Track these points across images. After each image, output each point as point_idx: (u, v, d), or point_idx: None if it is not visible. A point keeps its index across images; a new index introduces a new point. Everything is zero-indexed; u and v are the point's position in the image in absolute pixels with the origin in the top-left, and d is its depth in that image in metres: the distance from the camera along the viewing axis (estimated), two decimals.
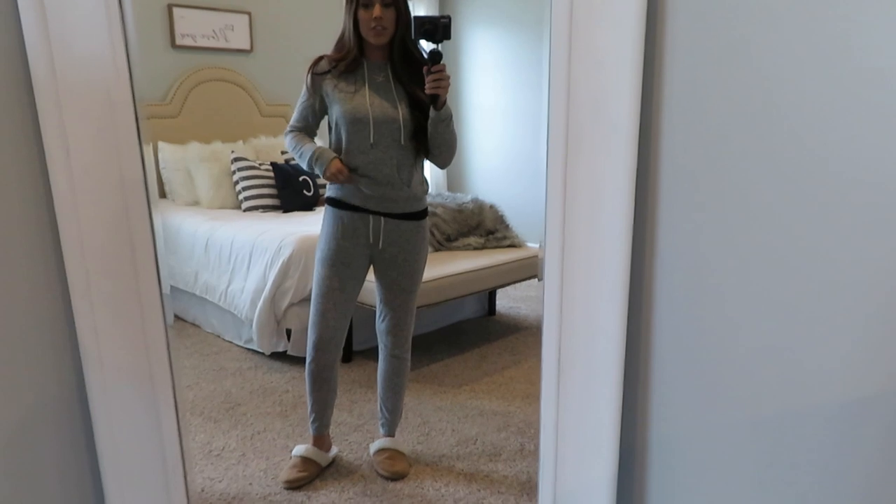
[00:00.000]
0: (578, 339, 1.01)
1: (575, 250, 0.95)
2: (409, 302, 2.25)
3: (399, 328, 2.27)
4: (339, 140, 2.08)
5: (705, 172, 0.93)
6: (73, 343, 1.08)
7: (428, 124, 2.03)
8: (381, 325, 2.29)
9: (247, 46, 4.81)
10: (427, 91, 1.96)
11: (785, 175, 0.87)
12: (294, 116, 2.16)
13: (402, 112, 2.04)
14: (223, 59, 4.74)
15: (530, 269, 3.67)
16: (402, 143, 2.05)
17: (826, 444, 0.90)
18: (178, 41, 4.49)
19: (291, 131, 2.16)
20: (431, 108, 2.01)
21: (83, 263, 0.98)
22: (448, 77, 1.95)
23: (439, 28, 1.90)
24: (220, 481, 2.23)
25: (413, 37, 1.95)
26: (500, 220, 3.87)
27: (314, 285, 2.17)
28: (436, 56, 1.93)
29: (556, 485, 1.09)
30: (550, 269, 0.98)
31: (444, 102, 2.00)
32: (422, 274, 2.25)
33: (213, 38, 4.67)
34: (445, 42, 1.91)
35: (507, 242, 3.76)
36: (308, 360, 2.21)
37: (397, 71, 2.06)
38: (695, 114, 0.93)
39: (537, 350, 3.46)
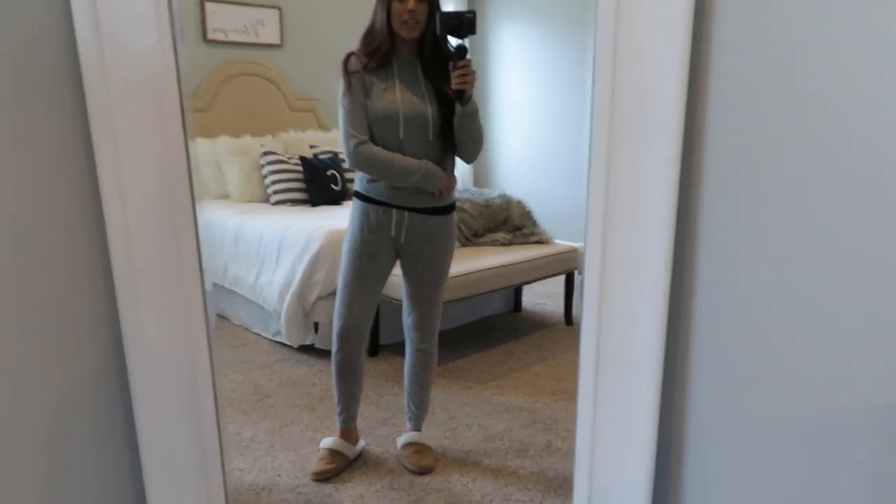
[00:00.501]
0: (617, 336, 1.01)
1: (616, 246, 0.95)
2: (435, 296, 2.26)
3: (425, 323, 2.28)
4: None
5: (749, 171, 0.92)
6: (117, 334, 1.10)
7: (454, 119, 2.04)
8: (407, 320, 2.30)
9: (277, 41, 4.85)
10: (453, 86, 1.96)
11: (830, 176, 0.86)
12: (349, 123, 2.03)
13: (430, 108, 2.04)
14: (254, 53, 4.79)
15: (558, 266, 3.66)
16: (430, 138, 2.06)
17: (867, 447, 0.89)
18: (210, 35, 4.54)
19: (362, 144, 2.03)
20: (457, 104, 2.01)
21: (129, 255, 0.99)
22: (474, 72, 1.96)
23: (464, 23, 1.90)
24: (249, 472, 2.26)
25: (438, 32, 1.95)
26: (528, 216, 3.86)
27: (340, 276, 2.19)
28: (461, 51, 1.94)
29: (591, 482, 1.09)
30: (591, 265, 0.98)
31: (470, 97, 2.01)
32: (448, 268, 2.26)
33: (244, 32, 4.71)
34: (471, 37, 1.93)
35: (535, 239, 3.74)
36: (334, 351, 2.23)
37: (427, 66, 2.06)
38: (740, 111, 0.92)
39: (563, 346, 3.45)
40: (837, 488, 0.93)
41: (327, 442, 2.31)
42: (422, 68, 2.07)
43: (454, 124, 2.05)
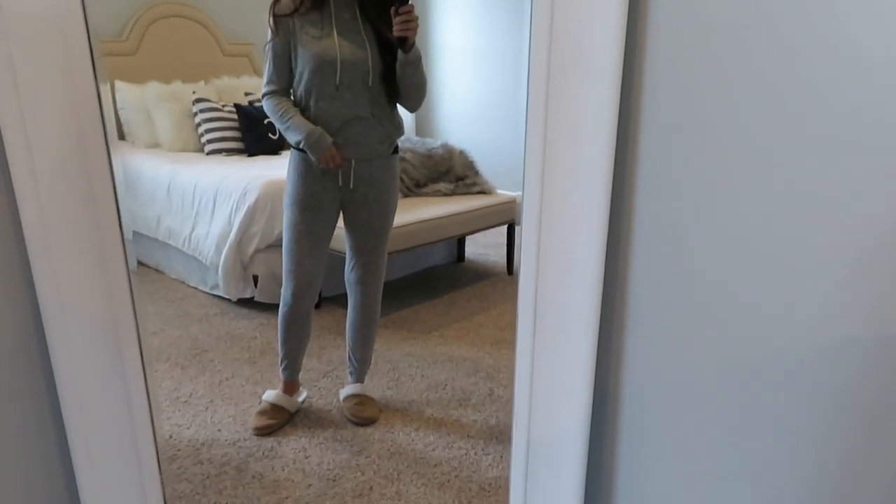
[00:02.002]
0: (554, 286, 1.00)
1: (554, 195, 0.93)
2: (380, 247, 2.22)
3: (369, 276, 2.24)
4: (300, 83, 1.99)
5: (687, 119, 0.91)
6: (30, 290, 1.03)
7: (396, 67, 1.97)
8: (350, 276, 2.26)
9: None
10: (395, 33, 1.89)
11: (765, 114, 0.85)
12: (268, 72, 2.01)
13: (370, 53, 1.95)
14: None
15: (500, 216, 3.66)
16: (370, 84, 1.98)
17: (800, 388, 0.91)
18: None
19: (271, 94, 2.02)
20: (399, 51, 1.94)
21: (38, 206, 0.92)
22: (416, 18, 1.88)
23: None
24: (188, 428, 2.22)
25: None
26: (470, 166, 3.83)
27: (285, 231, 2.12)
28: None
29: (529, 429, 1.09)
30: (528, 215, 0.96)
31: (413, 45, 1.93)
32: (393, 216, 2.22)
33: None
34: None
35: (477, 189, 3.73)
36: (283, 309, 2.18)
37: (366, 9, 1.97)
38: (678, 63, 0.90)
39: (506, 296, 3.48)
40: (770, 433, 0.95)
41: (269, 395, 2.28)
42: (360, 11, 1.97)
43: (396, 72, 1.97)
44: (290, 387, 2.31)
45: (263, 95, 2.03)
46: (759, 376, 0.94)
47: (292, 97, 2.05)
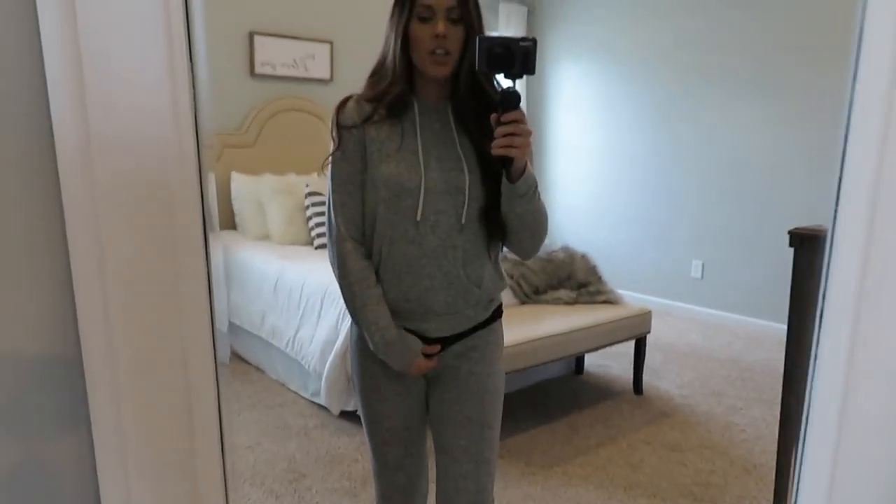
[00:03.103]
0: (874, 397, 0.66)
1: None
2: (483, 446, 1.45)
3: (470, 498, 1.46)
4: (365, 218, 1.39)
5: None
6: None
7: (501, 199, 1.34)
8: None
9: (327, 76, 4.62)
10: (494, 151, 1.25)
11: None
12: (334, 202, 1.39)
13: (469, 178, 1.35)
14: (302, 88, 4.57)
15: (629, 331, 3.29)
16: (464, 221, 1.35)
17: None
18: (258, 69, 4.33)
19: (344, 243, 1.38)
20: (504, 177, 1.31)
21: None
22: (527, 132, 1.24)
23: (517, 56, 1.20)
24: None
25: (478, 68, 1.24)
26: (593, 271, 3.50)
27: (364, 423, 1.53)
28: (510, 99, 1.23)
29: None
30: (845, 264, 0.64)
31: (524, 169, 1.29)
32: (499, 402, 1.50)
33: (293, 66, 4.50)
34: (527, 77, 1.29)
35: (602, 298, 3.38)
36: None
37: (463, 117, 1.37)
38: None
39: (634, 423, 3.07)
40: None
41: None
42: (455, 118, 1.38)
43: (501, 206, 1.35)
44: None
45: (336, 242, 1.39)
46: None
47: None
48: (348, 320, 2.98)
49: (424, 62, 1.32)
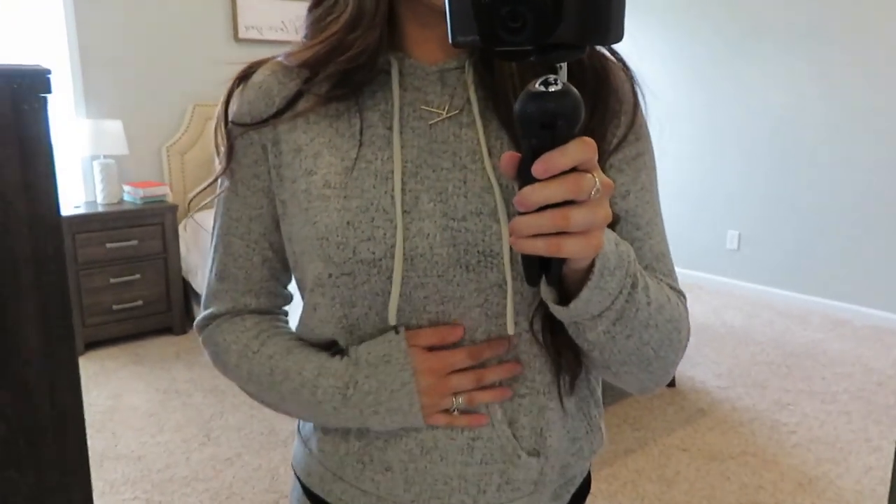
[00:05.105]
0: None
1: None
2: None
3: None
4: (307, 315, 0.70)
5: None
6: None
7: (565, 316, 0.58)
8: None
9: None
10: (516, 246, 0.48)
11: None
12: (215, 272, 0.75)
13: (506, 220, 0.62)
14: None
15: None
16: (508, 327, 0.63)
17: None
18: (242, 34, 3.95)
19: (216, 320, 0.75)
20: (545, 285, 0.56)
21: None
22: (600, 213, 0.47)
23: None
24: None
25: (450, 39, 0.46)
26: None
27: None
28: (549, 114, 0.44)
29: None
30: None
31: (598, 246, 0.48)
32: None
33: (283, 30, 4.10)
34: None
35: None
36: None
37: (499, 94, 0.64)
38: None
39: (666, 424, 2.70)
40: None
41: None
42: (480, 99, 0.65)
43: (568, 330, 0.61)
44: None
45: (202, 322, 0.76)
46: None
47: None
48: None
49: None
